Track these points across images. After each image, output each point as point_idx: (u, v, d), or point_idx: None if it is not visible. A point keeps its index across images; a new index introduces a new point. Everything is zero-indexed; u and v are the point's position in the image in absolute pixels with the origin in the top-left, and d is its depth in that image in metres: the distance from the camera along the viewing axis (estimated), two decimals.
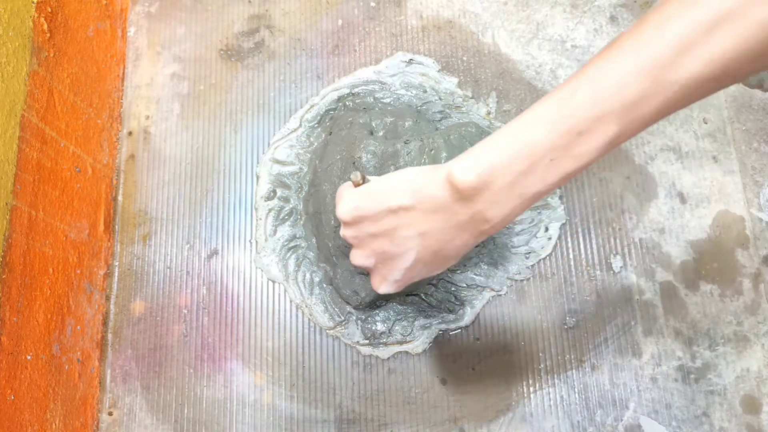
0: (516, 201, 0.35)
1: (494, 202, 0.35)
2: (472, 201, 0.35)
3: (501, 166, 0.34)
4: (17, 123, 0.58)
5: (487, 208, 0.36)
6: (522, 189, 0.34)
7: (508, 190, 0.34)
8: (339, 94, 0.73)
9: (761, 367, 0.63)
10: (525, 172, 0.34)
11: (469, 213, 0.36)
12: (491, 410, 0.64)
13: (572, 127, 0.32)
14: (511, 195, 0.35)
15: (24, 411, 0.56)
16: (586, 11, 0.75)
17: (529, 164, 0.33)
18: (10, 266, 0.56)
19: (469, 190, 0.35)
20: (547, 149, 0.33)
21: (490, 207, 0.35)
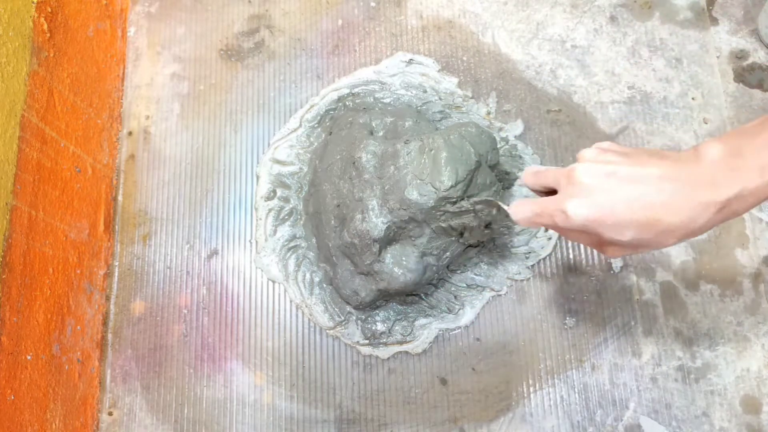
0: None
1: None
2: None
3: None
4: (17, 123, 0.58)
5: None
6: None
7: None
8: (339, 94, 0.73)
9: (761, 367, 0.63)
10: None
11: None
12: (491, 410, 0.64)
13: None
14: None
15: (24, 411, 0.56)
16: (586, 11, 0.75)
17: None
18: (10, 266, 0.56)
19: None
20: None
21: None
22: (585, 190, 0.41)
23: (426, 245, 0.60)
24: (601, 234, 0.41)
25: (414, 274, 0.60)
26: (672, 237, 0.40)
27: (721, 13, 0.74)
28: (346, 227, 0.60)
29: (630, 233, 0.40)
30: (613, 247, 0.43)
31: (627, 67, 0.72)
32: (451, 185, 0.55)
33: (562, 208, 0.42)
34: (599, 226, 0.40)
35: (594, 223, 0.40)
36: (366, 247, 0.59)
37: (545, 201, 0.44)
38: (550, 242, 0.67)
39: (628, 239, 0.40)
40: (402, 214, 0.57)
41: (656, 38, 0.73)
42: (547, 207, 0.43)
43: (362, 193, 0.60)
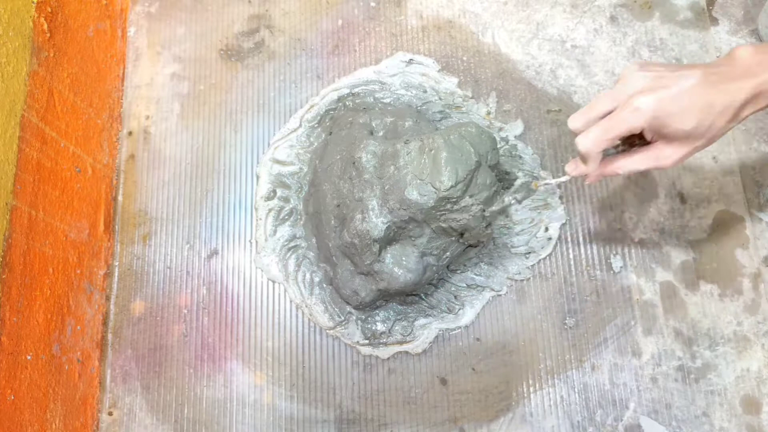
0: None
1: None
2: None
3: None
4: (17, 123, 0.58)
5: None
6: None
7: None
8: (339, 94, 0.73)
9: (761, 367, 0.63)
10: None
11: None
12: (491, 410, 0.64)
13: None
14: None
15: (24, 411, 0.56)
16: (586, 11, 0.75)
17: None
18: (10, 266, 0.56)
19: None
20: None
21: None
22: (646, 89, 0.46)
23: (426, 245, 0.60)
24: (667, 125, 0.46)
25: (414, 274, 0.60)
26: (724, 118, 0.46)
27: (721, 13, 0.74)
28: (346, 227, 0.60)
29: (693, 119, 0.46)
30: (672, 147, 0.48)
31: None
32: (451, 185, 0.55)
33: (632, 107, 0.46)
34: (666, 116, 0.46)
35: (661, 111, 0.46)
36: (366, 247, 0.59)
37: (609, 116, 0.48)
38: (550, 242, 0.67)
39: (691, 126, 0.46)
40: (402, 214, 0.57)
41: (656, 38, 0.73)
42: (613, 116, 0.47)
43: (362, 193, 0.60)
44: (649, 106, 0.46)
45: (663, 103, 0.46)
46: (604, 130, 0.48)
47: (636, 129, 0.47)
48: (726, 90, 0.45)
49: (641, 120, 0.46)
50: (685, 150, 0.48)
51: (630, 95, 0.47)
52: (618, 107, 0.47)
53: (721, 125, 0.46)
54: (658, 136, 0.48)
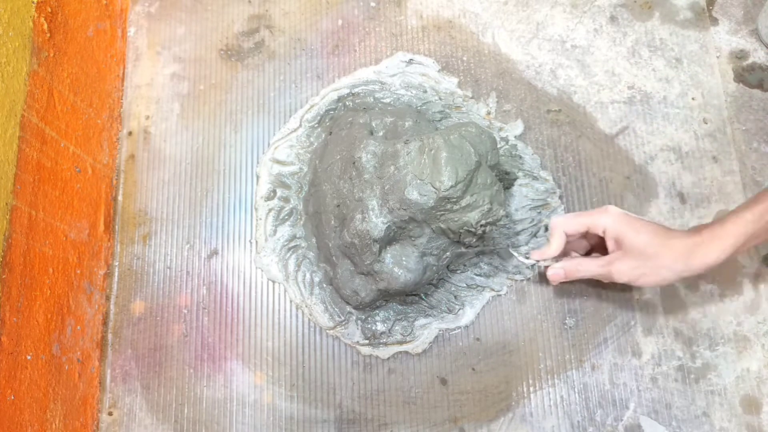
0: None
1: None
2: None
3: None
4: (17, 123, 0.58)
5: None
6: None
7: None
8: (339, 94, 0.73)
9: (761, 367, 0.63)
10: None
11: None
12: (491, 410, 0.64)
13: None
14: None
15: (24, 411, 0.56)
16: (586, 11, 0.75)
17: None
18: (10, 266, 0.56)
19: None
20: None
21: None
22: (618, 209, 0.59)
23: (426, 245, 0.60)
24: (624, 233, 0.57)
25: (414, 274, 0.60)
26: (672, 254, 0.56)
27: (721, 13, 0.74)
28: (346, 227, 0.60)
29: (644, 237, 0.56)
30: (624, 260, 0.57)
31: (627, 67, 0.72)
32: (451, 185, 0.55)
33: (604, 208, 0.59)
34: (626, 224, 0.57)
35: (623, 220, 0.57)
36: (366, 247, 0.59)
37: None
38: None
39: (642, 243, 0.56)
40: (402, 214, 0.57)
41: (656, 38, 0.73)
42: (586, 212, 0.60)
43: (362, 193, 0.60)
44: (616, 211, 0.57)
45: (627, 216, 0.57)
46: (574, 216, 0.60)
47: (600, 225, 0.58)
48: (681, 239, 0.56)
49: (606, 219, 0.57)
50: (634, 269, 0.56)
51: (606, 206, 0.59)
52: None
53: (667, 263, 0.55)
54: (616, 245, 0.57)
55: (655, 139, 0.70)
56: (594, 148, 0.70)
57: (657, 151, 0.70)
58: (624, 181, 0.69)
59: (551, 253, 0.60)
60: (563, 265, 0.60)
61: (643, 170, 0.69)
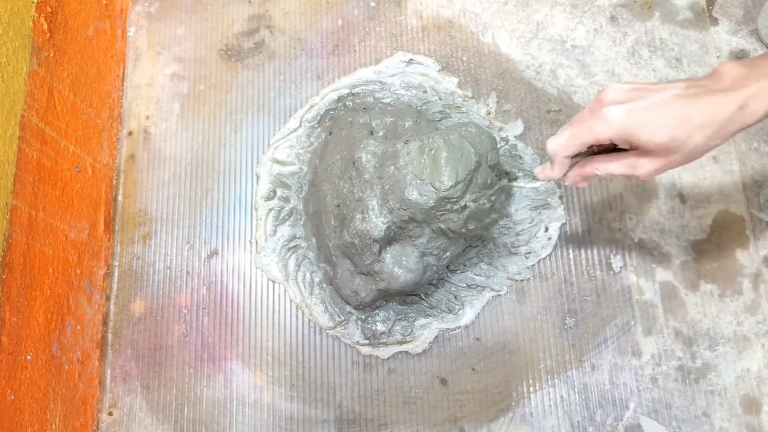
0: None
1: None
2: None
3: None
4: (17, 123, 0.58)
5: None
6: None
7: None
8: (339, 94, 0.73)
9: (761, 367, 0.63)
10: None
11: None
12: (491, 410, 0.64)
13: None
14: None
15: (24, 411, 0.56)
16: (586, 11, 0.75)
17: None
18: (10, 266, 0.56)
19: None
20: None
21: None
22: (618, 101, 0.45)
23: (426, 245, 0.60)
24: (637, 137, 0.44)
25: (414, 274, 0.60)
26: (703, 133, 0.43)
27: (721, 13, 0.74)
28: (346, 227, 0.60)
29: (665, 132, 0.43)
30: (647, 158, 0.46)
31: (627, 67, 0.72)
32: (451, 185, 0.55)
33: (601, 115, 0.45)
34: (635, 127, 0.44)
35: (630, 123, 0.44)
36: (366, 247, 0.59)
37: (579, 119, 0.47)
38: (550, 242, 0.67)
39: (664, 140, 0.44)
40: (402, 214, 0.57)
41: (656, 38, 0.73)
42: (583, 123, 0.46)
43: (362, 193, 0.60)
44: (617, 116, 0.45)
45: (633, 113, 0.44)
46: (571, 135, 0.47)
47: (603, 138, 0.46)
48: (707, 103, 0.43)
49: (608, 130, 0.45)
50: (660, 163, 0.46)
51: (603, 105, 0.45)
52: (590, 114, 0.46)
53: (700, 141, 0.44)
54: (631, 147, 0.46)
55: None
56: None
57: None
58: (624, 181, 0.69)
59: (555, 176, 0.51)
60: (578, 172, 0.51)
61: None
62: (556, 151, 0.49)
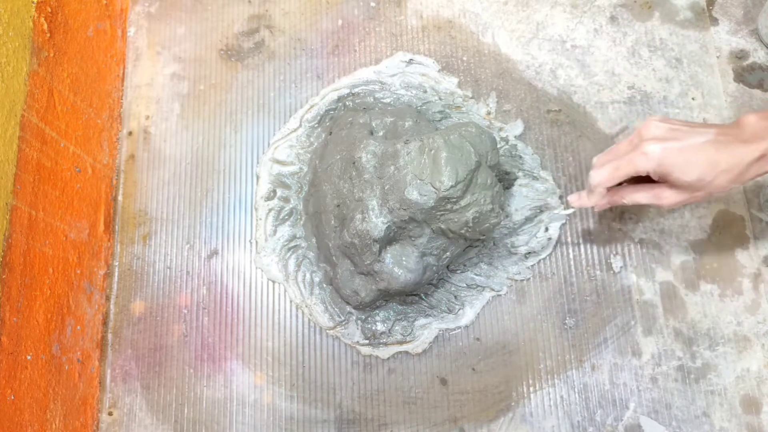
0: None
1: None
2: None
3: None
4: (17, 123, 0.58)
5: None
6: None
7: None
8: (339, 94, 0.73)
9: (761, 367, 0.63)
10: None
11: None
12: (491, 410, 0.64)
13: None
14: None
15: (24, 411, 0.56)
16: (586, 11, 0.75)
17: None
18: (10, 266, 0.56)
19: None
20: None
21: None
22: (657, 138, 0.51)
23: (426, 245, 0.60)
24: (670, 173, 0.50)
25: (414, 274, 0.60)
26: (727, 176, 0.50)
27: (721, 13, 0.74)
28: (346, 227, 0.60)
29: (695, 172, 0.50)
30: (673, 192, 0.52)
31: (627, 67, 0.72)
32: (451, 185, 0.55)
33: (641, 150, 0.51)
34: (671, 164, 0.50)
35: (666, 160, 0.50)
36: (366, 247, 0.59)
37: (618, 151, 0.53)
38: (550, 242, 0.67)
39: (693, 179, 0.50)
40: (402, 214, 0.57)
41: (656, 38, 0.73)
42: (624, 157, 0.52)
43: (362, 193, 0.60)
44: (656, 153, 0.50)
45: (670, 152, 0.50)
46: (615, 168, 0.53)
47: (642, 171, 0.51)
48: (733, 151, 0.49)
49: (648, 165, 0.51)
50: (684, 197, 0.52)
51: (643, 140, 0.51)
52: (632, 149, 0.52)
53: (723, 183, 0.50)
54: (662, 180, 0.52)
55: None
56: (594, 148, 0.70)
57: None
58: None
59: (590, 204, 0.56)
60: (608, 200, 0.56)
61: None
62: (600, 183, 0.54)
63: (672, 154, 0.50)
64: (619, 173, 0.53)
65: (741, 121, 0.51)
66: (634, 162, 0.51)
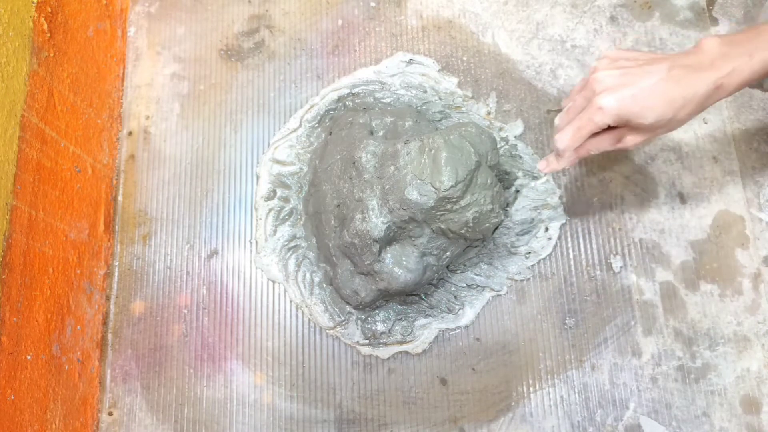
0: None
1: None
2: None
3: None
4: (17, 123, 0.58)
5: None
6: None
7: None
8: (339, 94, 0.73)
9: (761, 367, 0.63)
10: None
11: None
12: (491, 410, 0.64)
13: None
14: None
15: (24, 411, 0.56)
16: (586, 11, 0.75)
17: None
18: (10, 266, 0.56)
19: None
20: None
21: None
22: (609, 88, 0.49)
23: (426, 245, 0.60)
24: (629, 120, 0.50)
25: (414, 274, 0.60)
26: (685, 110, 0.49)
27: (721, 13, 0.74)
28: (346, 227, 0.60)
29: (653, 115, 0.49)
30: (635, 134, 0.51)
31: None
32: (451, 185, 0.55)
33: (596, 106, 0.50)
34: (628, 113, 0.49)
35: (623, 110, 0.49)
36: (366, 247, 0.59)
37: (575, 109, 0.53)
38: (550, 242, 0.67)
39: (652, 121, 0.49)
40: (402, 214, 0.57)
41: (656, 38, 0.73)
42: (582, 116, 0.51)
43: (362, 193, 0.60)
44: (611, 105, 0.49)
45: (624, 102, 0.49)
46: (577, 129, 0.52)
47: (602, 126, 0.51)
48: (688, 84, 0.48)
49: (605, 119, 0.50)
50: (645, 137, 0.52)
51: (596, 93, 0.50)
52: (587, 106, 0.51)
53: (683, 117, 0.50)
54: (623, 125, 0.51)
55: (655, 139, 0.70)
56: None
57: (657, 151, 0.70)
58: (624, 181, 0.69)
59: (561, 167, 0.56)
60: (575, 155, 0.55)
61: (643, 170, 0.69)
62: (567, 147, 0.53)
63: (627, 103, 0.49)
64: (582, 133, 0.52)
65: (701, 45, 0.49)
66: (593, 120, 0.51)
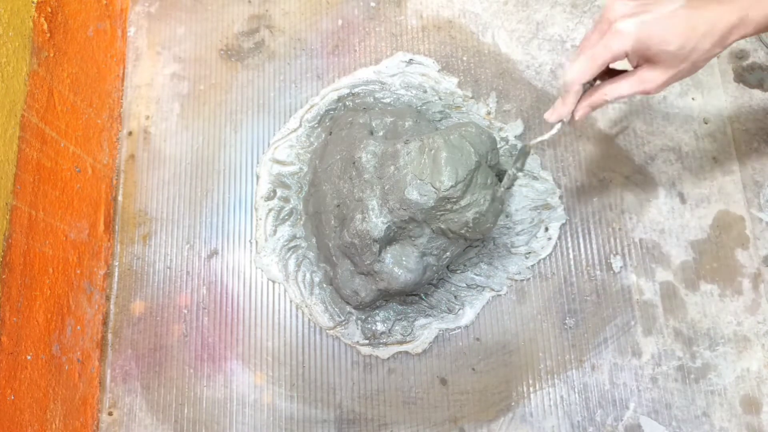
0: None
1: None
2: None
3: None
4: (17, 123, 0.58)
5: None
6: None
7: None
8: (339, 94, 0.73)
9: (761, 367, 0.63)
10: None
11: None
12: (491, 410, 0.64)
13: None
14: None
15: (24, 411, 0.56)
16: (586, 11, 0.75)
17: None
18: (10, 266, 0.56)
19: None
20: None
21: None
22: (627, 15, 0.46)
23: (426, 245, 0.60)
24: (650, 47, 0.46)
25: (414, 274, 0.60)
26: (709, 40, 0.46)
27: None
28: (346, 227, 0.60)
29: (676, 40, 0.46)
30: (657, 71, 0.48)
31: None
32: (451, 185, 0.55)
33: (614, 31, 0.46)
34: (648, 38, 0.46)
35: (643, 34, 0.46)
36: (366, 247, 0.59)
37: (589, 43, 0.49)
38: (550, 242, 0.67)
39: (675, 48, 0.46)
40: (402, 214, 0.57)
41: None
42: (597, 44, 0.48)
43: (362, 193, 0.60)
44: (630, 29, 0.46)
45: (645, 26, 0.46)
46: (590, 58, 0.48)
47: (620, 54, 0.47)
48: (711, 13, 0.46)
49: (625, 44, 0.47)
50: (670, 73, 0.48)
51: (613, 21, 0.47)
52: (604, 36, 0.48)
53: (706, 48, 0.46)
54: (643, 60, 0.48)
55: (655, 139, 0.70)
56: (594, 148, 0.70)
57: (657, 151, 0.70)
58: (624, 181, 0.69)
59: (567, 111, 0.52)
60: (587, 103, 0.51)
61: (643, 170, 0.69)
62: (576, 79, 0.49)
63: (647, 26, 0.46)
64: (596, 63, 0.48)
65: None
66: (610, 46, 0.47)
